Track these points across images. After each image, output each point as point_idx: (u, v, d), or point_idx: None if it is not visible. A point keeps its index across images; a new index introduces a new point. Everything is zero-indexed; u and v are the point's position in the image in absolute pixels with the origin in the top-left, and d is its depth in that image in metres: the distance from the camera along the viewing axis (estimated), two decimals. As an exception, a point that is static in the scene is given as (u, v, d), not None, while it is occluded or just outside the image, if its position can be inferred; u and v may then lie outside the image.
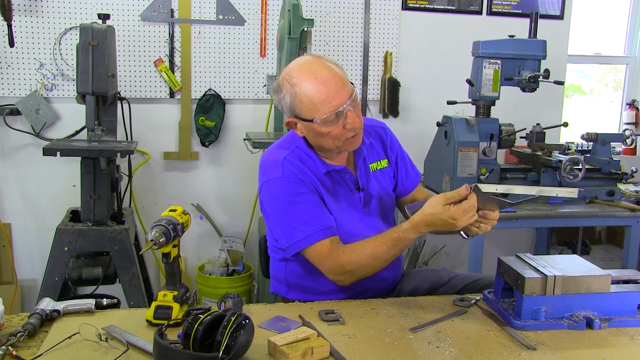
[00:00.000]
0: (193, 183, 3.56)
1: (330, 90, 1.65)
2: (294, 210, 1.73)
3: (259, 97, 3.53)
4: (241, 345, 1.22)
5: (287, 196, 1.74)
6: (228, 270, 3.43)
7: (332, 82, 1.65)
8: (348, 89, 1.68)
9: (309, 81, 1.66)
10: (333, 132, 1.68)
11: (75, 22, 3.20)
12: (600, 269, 1.61)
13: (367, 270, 1.71)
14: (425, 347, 1.40)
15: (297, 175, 1.74)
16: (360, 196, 1.85)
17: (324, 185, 1.79)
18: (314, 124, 1.68)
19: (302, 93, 1.66)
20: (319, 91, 1.65)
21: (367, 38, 3.60)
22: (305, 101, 1.67)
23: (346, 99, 1.66)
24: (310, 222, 1.71)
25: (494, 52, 3.02)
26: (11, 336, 1.34)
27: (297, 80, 1.68)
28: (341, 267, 1.69)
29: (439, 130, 3.16)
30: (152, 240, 1.43)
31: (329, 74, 1.66)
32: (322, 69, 1.67)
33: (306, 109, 1.67)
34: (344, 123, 1.67)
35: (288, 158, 1.76)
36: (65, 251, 2.65)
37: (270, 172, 1.77)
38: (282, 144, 1.85)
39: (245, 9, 3.43)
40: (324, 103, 1.65)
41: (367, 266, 1.70)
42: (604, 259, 3.89)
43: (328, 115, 1.65)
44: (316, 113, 1.66)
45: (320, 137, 1.72)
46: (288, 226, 1.73)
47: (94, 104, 2.71)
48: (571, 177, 3.00)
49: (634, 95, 4.27)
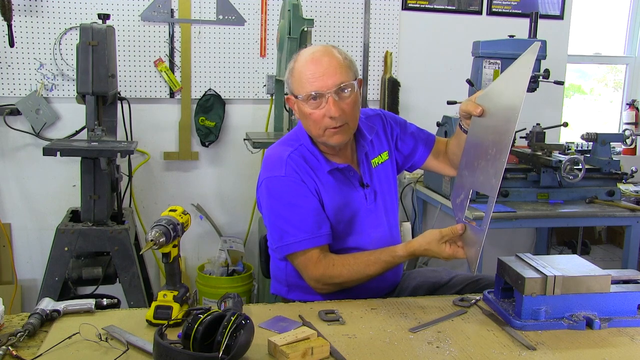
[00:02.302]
0: (193, 183, 3.56)
1: (319, 71, 1.69)
2: (291, 213, 1.73)
3: (259, 97, 3.53)
4: (241, 345, 1.22)
5: (286, 197, 1.74)
6: (228, 270, 3.43)
7: (324, 65, 1.69)
8: (340, 77, 1.70)
9: (305, 59, 1.73)
10: (313, 115, 1.71)
11: (75, 22, 3.20)
12: (600, 269, 1.61)
13: (352, 284, 1.76)
14: (425, 347, 1.40)
15: (299, 176, 1.75)
16: (364, 193, 1.85)
17: (326, 184, 1.79)
18: (299, 101, 1.73)
19: (296, 67, 1.74)
20: (308, 69, 1.70)
21: (367, 38, 3.60)
22: (295, 76, 1.74)
23: (332, 85, 1.68)
24: (305, 228, 1.72)
25: (494, 52, 3.02)
26: (11, 336, 1.34)
27: (299, 57, 1.75)
28: (329, 278, 1.73)
29: (439, 130, 3.17)
30: (152, 240, 1.43)
31: (326, 59, 1.70)
32: (323, 53, 1.72)
33: (295, 84, 1.74)
34: (325, 110, 1.70)
35: (292, 156, 1.78)
36: (65, 251, 2.65)
37: (272, 169, 1.78)
38: (288, 141, 1.86)
39: (245, 9, 3.43)
40: (308, 81, 1.70)
41: (355, 282, 1.75)
42: (604, 259, 3.89)
43: (307, 94, 1.70)
44: (301, 89, 1.72)
45: (305, 120, 1.76)
46: (281, 228, 1.75)
47: (94, 104, 2.71)
48: (571, 177, 3.00)
49: (634, 95, 4.27)
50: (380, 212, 1.89)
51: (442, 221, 3.37)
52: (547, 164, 3.07)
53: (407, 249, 1.71)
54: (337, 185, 1.81)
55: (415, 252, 1.70)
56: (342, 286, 1.76)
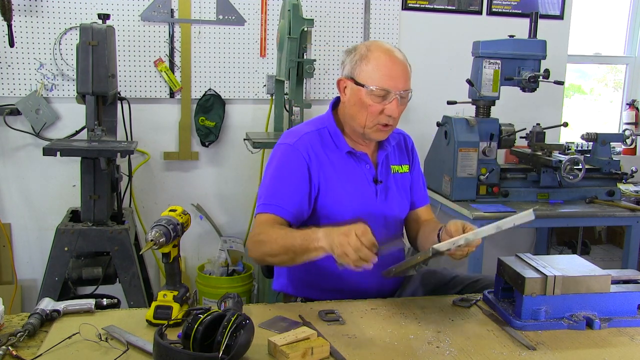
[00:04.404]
0: (193, 183, 3.56)
1: (395, 72, 1.75)
2: (276, 178, 1.79)
3: (259, 97, 3.53)
4: (241, 345, 1.22)
5: (282, 164, 1.80)
6: (228, 270, 3.43)
7: (401, 67, 1.76)
8: (408, 83, 1.78)
9: (384, 54, 1.76)
10: (372, 108, 1.75)
11: (75, 22, 3.20)
12: (600, 269, 1.61)
13: (274, 255, 1.65)
14: (425, 347, 1.40)
15: (307, 154, 1.78)
16: (376, 189, 1.86)
17: (338, 167, 1.82)
18: (363, 90, 1.75)
19: (373, 58, 1.75)
20: (386, 65, 1.74)
21: (367, 38, 3.60)
22: (370, 65, 1.75)
23: (402, 88, 1.75)
24: (278, 197, 1.75)
25: (494, 52, 3.02)
26: (11, 336, 1.34)
27: (375, 49, 1.77)
28: (257, 235, 1.70)
29: (439, 130, 3.17)
30: (152, 240, 1.43)
31: (402, 63, 1.77)
32: (399, 55, 1.78)
33: (366, 73, 1.75)
34: (385, 107, 1.74)
35: (309, 134, 1.84)
36: (65, 251, 2.65)
37: (286, 137, 1.86)
38: (312, 122, 1.92)
39: (245, 9, 3.43)
40: (384, 75, 1.73)
41: (275, 250, 1.63)
42: (604, 259, 3.89)
43: (379, 89, 1.73)
44: (372, 81, 1.74)
45: (359, 108, 1.77)
46: (265, 189, 1.79)
47: (94, 104, 2.71)
48: (571, 177, 3.00)
49: (634, 95, 4.27)
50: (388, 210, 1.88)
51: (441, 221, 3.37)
52: (547, 164, 3.07)
53: (325, 231, 1.53)
54: (349, 170, 1.83)
55: (326, 235, 1.50)
56: (263, 250, 1.66)
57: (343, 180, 1.82)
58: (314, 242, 1.53)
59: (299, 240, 1.57)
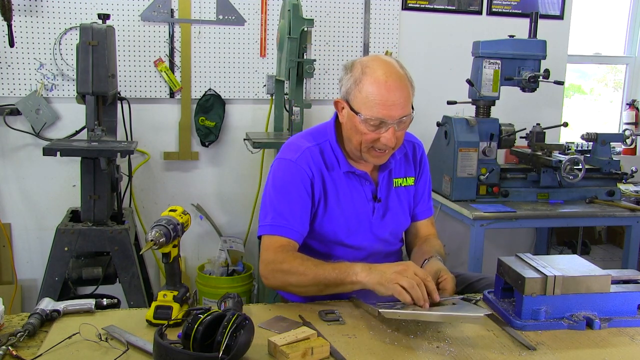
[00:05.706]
0: (193, 183, 3.56)
1: (389, 100, 1.65)
2: (282, 196, 1.75)
3: (259, 97, 3.53)
4: (241, 345, 1.22)
5: (285, 181, 1.76)
6: (228, 270, 3.43)
7: (396, 94, 1.66)
8: (405, 110, 1.68)
9: (377, 80, 1.66)
10: (367, 136, 1.70)
11: (75, 22, 3.20)
12: (600, 269, 1.61)
13: (299, 286, 1.66)
14: (425, 347, 1.40)
15: (309, 168, 1.75)
16: (374, 206, 1.83)
17: (339, 184, 1.79)
18: (357, 117, 1.69)
19: (368, 84, 1.67)
20: (379, 94, 1.65)
21: (367, 38, 3.61)
22: (363, 93, 1.67)
23: (397, 116, 1.67)
24: (286, 217, 1.72)
25: (494, 52, 3.02)
26: (11, 336, 1.34)
27: (370, 72, 1.68)
28: (280, 263, 1.66)
29: (439, 130, 3.17)
30: (152, 240, 1.43)
31: (399, 87, 1.67)
32: (396, 79, 1.67)
33: (359, 101, 1.68)
34: (381, 136, 1.69)
35: (311, 149, 1.79)
36: (65, 251, 2.65)
37: (287, 152, 1.81)
38: (314, 133, 1.86)
39: (245, 9, 3.43)
40: (378, 105, 1.65)
41: (302, 282, 1.63)
42: (604, 259, 3.89)
43: (371, 119, 1.66)
44: (365, 110, 1.67)
45: (354, 132, 1.72)
46: (268, 208, 1.76)
47: (94, 104, 2.71)
48: (571, 177, 3.00)
49: (634, 95, 4.27)
50: (385, 230, 1.86)
51: (441, 220, 3.37)
52: (547, 164, 3.07)
53: (365, 266, 1.58)
54: (349, 189, 1.80)
55: (371, 270, 1.55)
56: (289, 280, 1.65)
57: (341, 197, 1.80)
58: (351, 277, 1.57)
59: (334, 275, 1.59)
